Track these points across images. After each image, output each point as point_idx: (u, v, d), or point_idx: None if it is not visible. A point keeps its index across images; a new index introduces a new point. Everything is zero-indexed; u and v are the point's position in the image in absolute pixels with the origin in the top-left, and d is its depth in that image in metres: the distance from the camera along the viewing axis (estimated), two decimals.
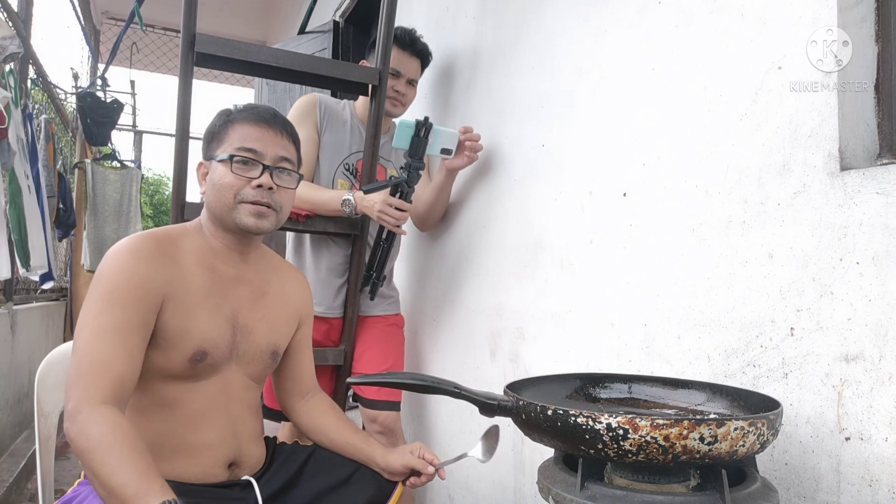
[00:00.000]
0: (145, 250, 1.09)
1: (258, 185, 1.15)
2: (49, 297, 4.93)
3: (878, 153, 0.92)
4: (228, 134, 1.18)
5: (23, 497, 2.90)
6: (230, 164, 1.15)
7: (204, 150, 1.22)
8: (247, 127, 1.18)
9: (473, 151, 1.80)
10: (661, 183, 1.22)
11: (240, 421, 1.19)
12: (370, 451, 1.24)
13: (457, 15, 2.11)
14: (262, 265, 1.28)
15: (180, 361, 1.10)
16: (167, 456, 1.10)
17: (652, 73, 1.25)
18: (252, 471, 1.21)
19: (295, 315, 1.31)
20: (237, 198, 1.15)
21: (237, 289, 1.20)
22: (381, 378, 1.30)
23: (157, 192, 14.87)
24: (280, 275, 1.31)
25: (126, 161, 6.32)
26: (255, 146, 1.16)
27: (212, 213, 1.19)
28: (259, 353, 1.21)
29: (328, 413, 1.33)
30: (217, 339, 1.14)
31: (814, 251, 0.93)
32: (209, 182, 1.18)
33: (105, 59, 6.04)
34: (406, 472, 1.20)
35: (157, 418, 1.11)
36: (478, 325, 1.86)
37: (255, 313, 1.21)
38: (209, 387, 1.14)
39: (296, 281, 1.35)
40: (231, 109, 1.23)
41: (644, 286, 1.25)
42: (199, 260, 1.16)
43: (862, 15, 0.93)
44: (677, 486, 0.82)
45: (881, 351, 0.84)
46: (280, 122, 1.21)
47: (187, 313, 1.11)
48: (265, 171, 1.16)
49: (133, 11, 4.18)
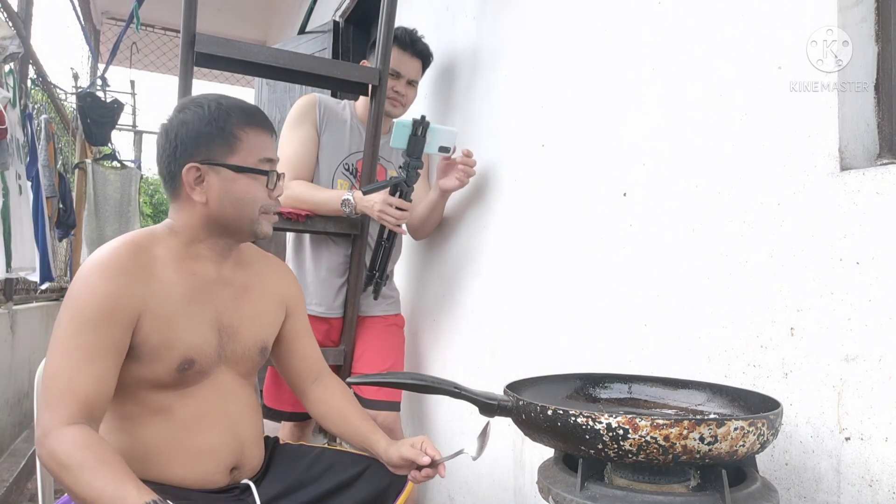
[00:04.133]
0: (118, 267, 1.04)
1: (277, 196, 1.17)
2: (49, 297, 4.93)
3: (878, 153, 0.92)
4: (241, 141, 1.11)
5: (23, 497, 2.90)
6: (266, 178, 1.14)
7: (193, 150, 1.10)
8: (260, 135, 1.14)
9: (466, 175, 1.79)
10: (661, 183, 1.22)
11: (241, 421, 1.17)
12: (374, 440, 1.22)
13: (457, 15, 2.10)
14: (242, 261, 1.24)
15: (167, 372, 1.08)
16: (163, 462, 1.08)
17: (652, 73, 1.25)
18: (251, 473, 1.20)
19: (280, 305, 1.29)
20: (261, 210, 1.14)
21: (219, 290, 1.17)
22: (381, 378, 1.29)
23: (157, 192, 14.86)
24: (260, 267, 1.28)
25: (126, 161, 6.32)
26: (271, 155, 1.16)
27: (217, 224, 1.13)
28: (247, 352, 1.20)
29: (336, 397, 1.32)
30: (203, 345, 1.12)
31: (814, 251, 0.93)
32: (225, 193, 1.11)
33: (105, 59, 6.04)
34: (405, 465, 1.17)
35: (149, 424, 1.09)
36: (478, 325, 1.86)
37: (239, 312, 1.19)
38: (201, 391, 1.13)
39: (278, 271, 1.33)
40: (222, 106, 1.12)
41: (644, 286, 1.25)
42: (176, 266, 1.11)
43: (862, 15, 0.93)
44: (677, 486, 0.82)
45: (881, 351, 0.84)
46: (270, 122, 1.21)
47: (168, 325, 1.07)
48: (278, 179, 1.17)
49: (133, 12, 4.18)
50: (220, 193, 1.11)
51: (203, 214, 1.13)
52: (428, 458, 1.13)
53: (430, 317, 2.16)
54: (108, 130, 5.63)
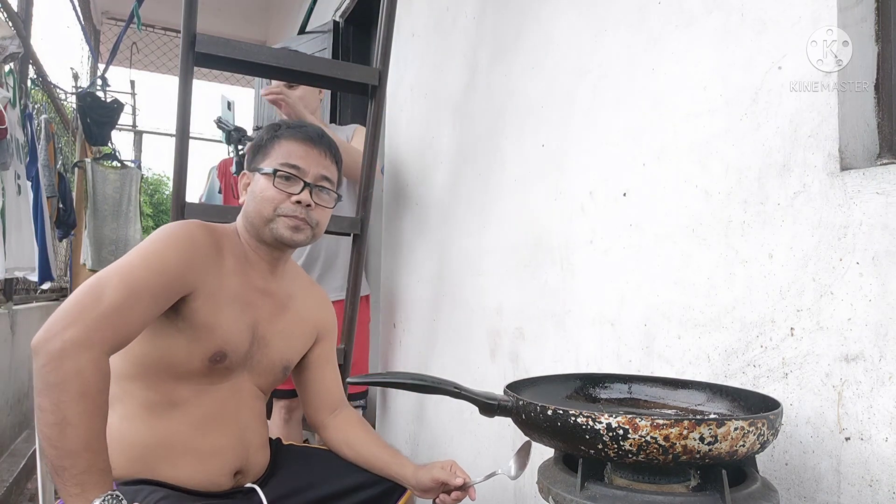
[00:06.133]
0: (201, 239, 1.11)
1: (297, 200, 1.17)
2: (49, 297, 4.93)
3: (878, 153, 0.92)
4: (274, 149, 1.20)
5: (23, 497, 2.90)
6: (273, 178, 1.17)
7: (248, 162, 1.25)
8: (293, 144, 1.21)
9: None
10: (661, 183, 1.22)
11: (249, 429, 1.19)
12: (399, 467, 1.22)
13: (457, 15, 2.10)
14: (288, 280, 1.29)
15: (200, 359, 1.10)
16: (174, 459, 1.10)
17: (652, 73, 1.25)
18: (254, 478, 1.21)
19: (312, 331, 1.32)
20: (276, 211, 1.17)
21: (262, 300, 1.21)
22: (380, 378, 1.29)
23: (157, 192, 14.86)
24: (303, 291, 1.32)
25: (126, 161, 6.32)
26: (298, 163, 1.19)
27: (249, 223, 1.21)
28: (272, 366, 1.23)
29: (356, 427, 1.31)
30: (238, 343, 1.14)
31: (814, 251, 0.93)
32: (250, 193, 1.21)
33: (105, 59, 6.04)
34: (436, 487, 1.16)
35: (166, 417, 1.10)
36: (478, 325, 1.86)
37: (274, 326, 1.22)
38: (220, 392, 1.15)
39: (318, 298, 1.37)
40: (280, 124, 1.25)
41: (644, 286, 1.25)
42: (235, 263, 1.18)
43: (862, 15, 0.93)
44: (677, 486, 0.82)
45: (881, 351, 0.84)
46: (326, 143, 1.24)
47: (217, 310, 1.11)
48: (305, 188, 1.18)
49: (133, 12, 4.18)
50: (250, 195, 1.21)
51: (243, 213, 1.23)
52: (461, 479, 1.14)
53: (430, 317, 2.16)
54: (108, 130, 5.63)
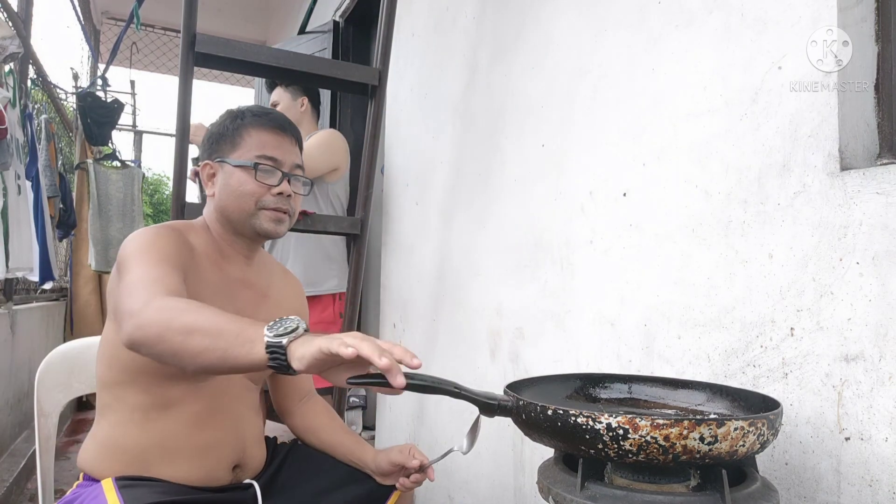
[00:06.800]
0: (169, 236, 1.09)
1: (279, 192, 1.16)
2: (49, 297, 4.93)
3: (878, 153, 0.92)
4: (244, 138, 1.18)
5: (23, 497, 2.90)
6: (254, 172, 1.15)
7: (208, 150, 1.21)
8: (264, 133, 1.18)
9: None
10: (661, 183, 1.22)
11: (243, 421, 1.19)
12: (361, 452, 1.24)
13: (457, 15, 2.10)
14: (263, 269, 1.28)
15: None
16: (171, 457, 1.10)
17: (652, 73, 1.25)
18: (253, 473, 1.21)
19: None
20: (258, 204, 1.16)
21: (242, 291, 1.20)
22: (381, 378, 1.29)
23: (157, 192, 14.87)
24: (279, 279, 1.32)
25: (127, 161, 6.32)
26: (275, 154, 1.18)
27: (225, 217, 1.18)
28: None
29: (321, 415, 1.33)
30: None
31: (814, 251, 0.93)
32: (224, 186, 1.17)
33: (105, 59, 6.04)
34: (394, 470, 1.19)
35: (160, 418, 1.11)
36: (478, 325, 1.86)
37: (257, 316, 1.20)
38: (211, 388, 1.14)
39: (293, 285, 1.37)
40: (241, 111, 1.22)
41: (644, 286, 1.25)
42: (208, 258, 1.16)
43: (862, 15, 0.93)
44: (677, 486, 0.82)
45: (881, 351, 0.84)
46: (293, 130, 1.23)
47: None
48: (284, 178, 1.17)
49: (133, 12, 4.17)
50: (221, 186, 1.18)
51: (215, 207, 1.20)
52: (417, 461, 1.15)
53: (430, 317, 2.16)
54: (109, 130, 5.63)
